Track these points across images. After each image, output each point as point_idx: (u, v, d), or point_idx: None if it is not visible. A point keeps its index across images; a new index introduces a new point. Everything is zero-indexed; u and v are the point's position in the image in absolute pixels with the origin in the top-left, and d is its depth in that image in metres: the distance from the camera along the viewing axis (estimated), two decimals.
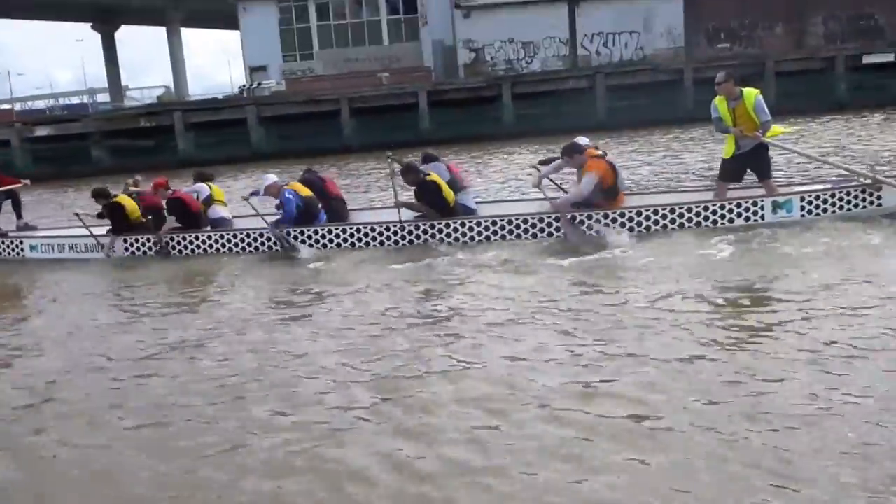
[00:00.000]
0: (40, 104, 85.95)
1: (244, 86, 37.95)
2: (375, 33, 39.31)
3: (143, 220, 10.39)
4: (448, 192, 9.06)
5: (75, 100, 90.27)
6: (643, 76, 27.71)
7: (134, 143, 27.86)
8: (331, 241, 9.29)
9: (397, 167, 9.59)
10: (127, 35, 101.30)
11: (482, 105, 28.09)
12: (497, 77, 30.84)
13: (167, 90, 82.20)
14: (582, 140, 9.17)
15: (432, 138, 26.69)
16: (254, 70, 38.84)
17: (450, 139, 26.20)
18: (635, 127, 25.34)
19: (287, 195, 9.35)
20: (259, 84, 36.77)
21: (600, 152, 8.80)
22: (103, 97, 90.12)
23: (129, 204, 10.39)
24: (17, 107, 78.04)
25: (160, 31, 68.93)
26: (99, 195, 10.53)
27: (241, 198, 10.16)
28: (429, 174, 9.11)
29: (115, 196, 10.50)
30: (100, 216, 10.68)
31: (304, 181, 10.01)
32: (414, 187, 9.11)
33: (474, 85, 28.91)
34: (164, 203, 10.21)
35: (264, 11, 38.72)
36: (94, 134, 28.04)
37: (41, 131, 27.92)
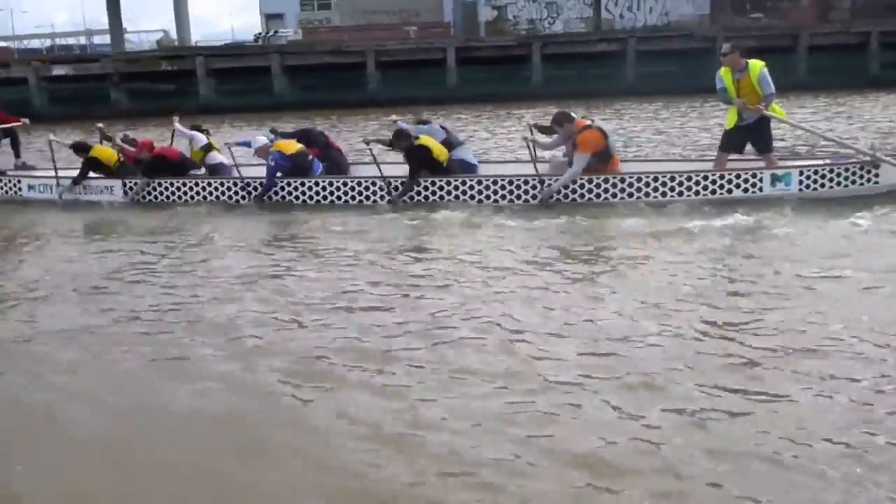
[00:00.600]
0: (35, 43, 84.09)
1: (260, 34, 37.25)
2: None
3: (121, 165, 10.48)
4: (440, 152, 9.13)
5: (71, 41, 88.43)
6: (676, 42, 27.29)
7: (154, 86, 27.31)
8: (324, 196, 9.41)
9: (377, 149, 9.77)
10: None
11: (510, 64, 27.64)
12: (527, 36, 30.32)
13: (165, 35, 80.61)
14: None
15: (458, 95, 26.36)
16: (269, 17, 38.10)
17: (476, 97, 25.82)
18: (664, 94, 25.07)
19: (270, 162, 9.45)
20: (276, 32, 36.11)
21: (589, 121, 8.68)
22: (99, 39, 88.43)
23: (105, 155, 10.47)
24: (14, 45, 76.68)
25: None
26: (78, 148, 10.59)
27: (225, 143, 10.21)
28: (418, 138, 9.18)
29: (91, 148, 10.54)
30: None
31: (301, 134, 10.20)
32: (404, 153, 9.24)
33: (504, 43, 28.43)
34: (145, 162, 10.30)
35: None
36: (112, 75, 27.44)
37: (59, 70, 27.28)
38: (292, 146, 9.64)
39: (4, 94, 27.44)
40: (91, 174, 10.47)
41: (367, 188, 9.30)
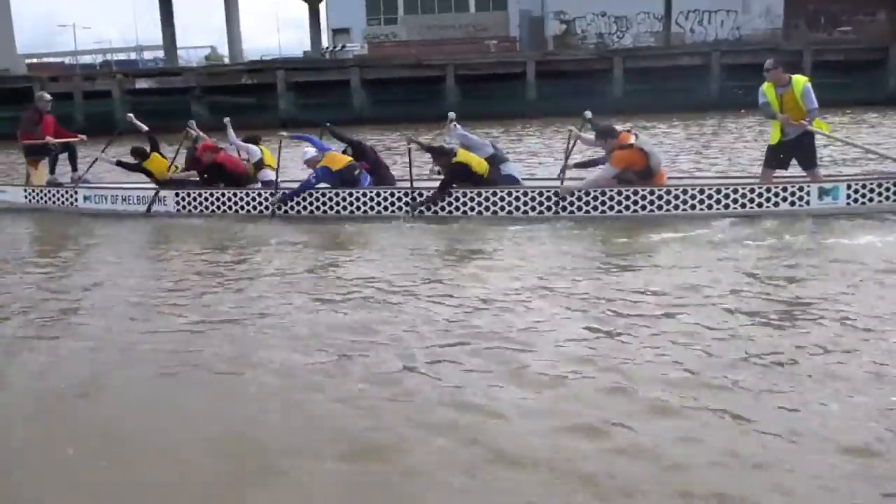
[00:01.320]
0: (87, 59, 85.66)
1: (327, 48, 37.42)
2: (462, 1, 38.61)
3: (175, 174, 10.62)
4: (478, 165, 9.10)
5: (122, 56, 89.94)
6: (761, 56, 26.75)
7: (234, 99, 27.40)
8: (371, 207, 9.35)
9: (416, 147, 9.77)
10: None
11: (589, 78, 27.41)
12: (609, 50, 30.10)
13: (213, 50, 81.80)
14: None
15: (537, 110, 26.17)
16: (336, 32, 38.30)
17: (555, 112, 25.57)
18: (749, 107, 24.63)
19: (311, 176, 9.55)
20: (343, 47, 36.21)
21: (631, 140, 8.60)
22: (149, 55, 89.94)
23: (156, 169, 10.67)
24: (67, 61, 78.06)
25: None
26: (134, 152, 10.82)
27: (279, 133, 10.18)
28: (457, 154, 9.12)
29: (147, 158, 10.71)
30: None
31: (355, 149, 10.14)
32: (445, 170, 9.24)
33: (584, 57, 28.22)
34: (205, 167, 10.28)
35: None
36: (194, 89, 27.62)
37: (142, 84, 27.54)
38: (340, 161, 9.67)
39: (90, 107, 27.89)
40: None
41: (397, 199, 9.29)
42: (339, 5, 38.31)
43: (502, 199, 8.86)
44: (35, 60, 73.01)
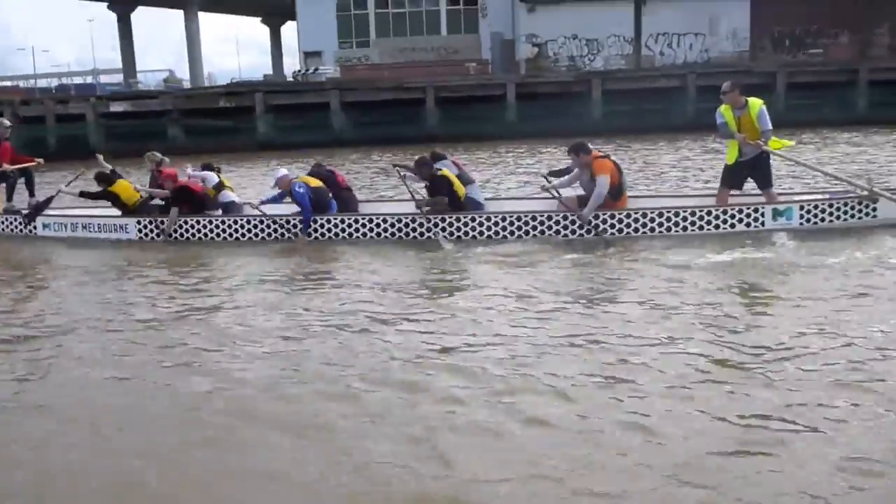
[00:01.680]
0: (42, 83, 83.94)
1: (299, 71, 37.24)
2: (434, 23, 38.86)
3: (142, 202, 10.54)
4: (459, 187, 9.28)
5: (78, 79, 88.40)
6: (736, 77, 27.36)
7: (211, 122, 27.08)
8: (342, 230, 9.40)
9: (405, 172, 9.98)
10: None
11: (569, 100, 27.63)
12: (587, 72, 30.43)
13: (171, 73, 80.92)
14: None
15: (517, 131, 26.28)
16: (308, 55, 38.13)
17: (535, 133, 25.73)
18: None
19: (297, 189, 9.47)
20: (316, 70, 36.07)
21: (603, 153, 8.90)
22: (106, 79, 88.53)
23: (124, 192, 10.53)
24: (22, 84, 76.39)
25: (164, 14, 67.67)
26: (100, 179, 10.67)
27: (251, 205, 10.17)
28: (441, 169, 9.35)
29: (113, 182, 10.59)
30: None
31: (313, 174, 10.16)
32: (427, 182, 9.37)
33: (564, 79, 28.48)
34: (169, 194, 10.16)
35: None
36: (171, 112, 27.18)
37: (116, 107, 27.01)
38: (314, 181, 9.72)
39: (62, 130, 27.26)
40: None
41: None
42: (311, 28, 38.16)
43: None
44: None
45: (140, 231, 10.19)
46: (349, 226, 9.38)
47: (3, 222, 11.14)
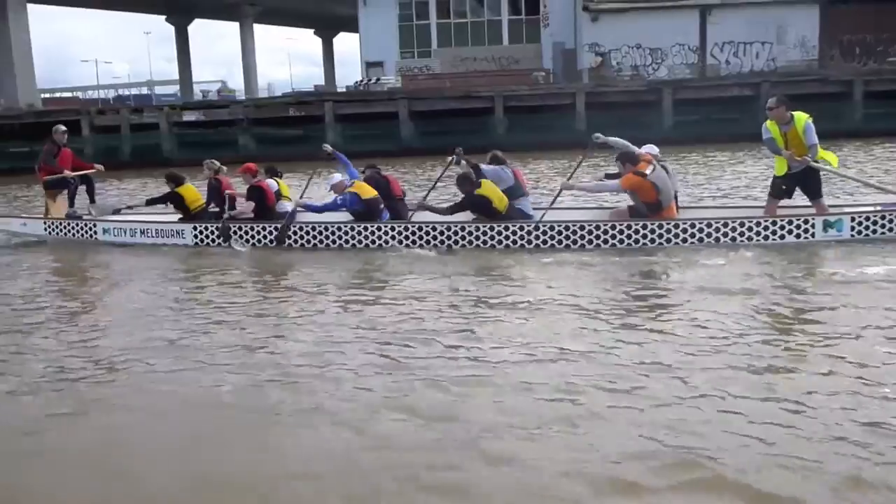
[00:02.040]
0: (97, 94, 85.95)
1: (360, 81, 37.47)
2: (495, 33, 38.81)
3: (206, 207, 10.70)
4: (499, 202, 9.19)
5: (134, 90, 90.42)
6: (810, 86, 26.86)
7: (281, 131, 27.32)
8: (390, 238, 9.46)
9: (463, 162, 9.83)
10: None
11: (639, 109, 27.35)
12: (658, 81, 30.13)
13: (224, 84, 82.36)
14: (652, 149, 9.20)
15: (587, 141, 26.00)
16: (370, 65, 38.35)
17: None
18: None
19: (338, 199, 9.60)
20: (378, 80, 36.24)
21: (647, 171, 8.58)
22: (161, 90, 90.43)
23: (189, 195, 10.78)
24: (80, 96, 78.31)
25: (218, 26, 68.80)
26: (169, 178, 10.98)
27: (324, 147, 10.94)
28: (479, 185, 9.18)
29: (182, 184, 10.84)
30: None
31: (368, 179, 10.10)
32: (463, 195, 9.30)
33: (634, 89, 28.20)
34: (246, 188, 10.41)
35: (384, 7, 38.25)
36: (241, 121, 27.52)
37: (189, 116, 27.42)
38: (369, 191, 9.66)
39: (137, 139, 27.76)
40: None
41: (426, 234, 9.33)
42: (373, 38, 38.39)
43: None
44: (47, 95, 73.54)
45: (196, 237, 10.37)
46: (399, 233, 9.41)
47: (66, 227, 11.30)
